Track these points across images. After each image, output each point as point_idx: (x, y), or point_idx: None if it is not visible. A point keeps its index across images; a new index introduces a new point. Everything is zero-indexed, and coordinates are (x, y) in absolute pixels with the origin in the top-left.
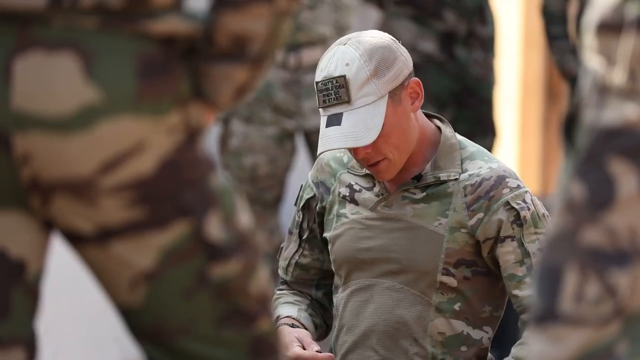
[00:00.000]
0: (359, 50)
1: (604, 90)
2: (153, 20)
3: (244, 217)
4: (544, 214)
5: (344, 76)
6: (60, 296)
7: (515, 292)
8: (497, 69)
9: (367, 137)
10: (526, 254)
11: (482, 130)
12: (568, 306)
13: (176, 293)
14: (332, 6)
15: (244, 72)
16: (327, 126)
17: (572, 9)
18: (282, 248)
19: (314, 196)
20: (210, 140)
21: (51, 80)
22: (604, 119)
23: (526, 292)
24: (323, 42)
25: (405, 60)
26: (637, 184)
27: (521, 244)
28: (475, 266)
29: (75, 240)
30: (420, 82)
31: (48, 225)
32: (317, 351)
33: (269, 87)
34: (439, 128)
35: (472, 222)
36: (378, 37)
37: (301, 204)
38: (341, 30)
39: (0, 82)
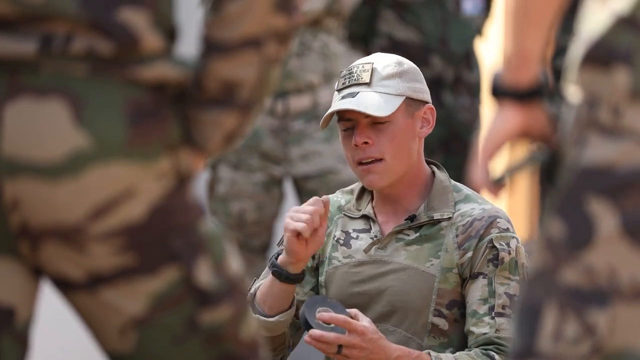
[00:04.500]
0: (393, 57)
1: (587, 127)
2: (143, 66)
3: (234, 263)
4: (523, 264)
5: (371, 63)
6: (49, 342)
7: (473, 328)
8: (484, 115)
9: (382, 111)
10: (492, 293)
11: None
12: (546, 345)
13: (167, 339)
14: (320, 54)
15: (233, 118)
16: (340, 100)
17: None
18: (255, 279)
19: None
20: (199, 186)
21: (41, 126)
22: (585, 157)
23: (482, 329)
24: (311, 90)
25: (427, 90)
26: (616, 224)
27: (490, 283)
28: (465, 308)
29: (65, 286)
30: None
31: (37, 272)
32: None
33: (256, 133)
34: (434, 173)
35: (462, 261)
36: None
37: None
38: (329, 77)
39: None
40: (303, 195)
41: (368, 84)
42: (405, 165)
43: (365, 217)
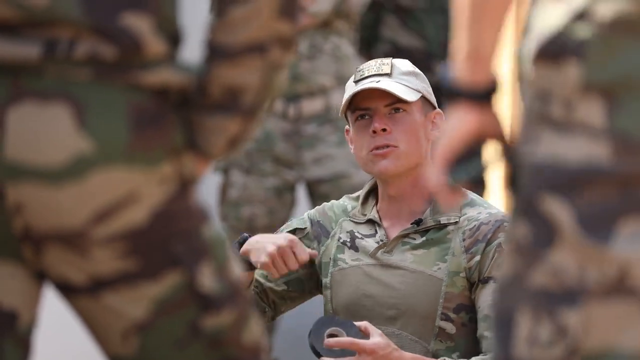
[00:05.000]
0: (408, 62)
1: (539, 123)
2: (146, 71)
3: (237, 268)
4: None
5: (390, 59)
6: (52, 346)
7: (486, 333)
8: None
9: (407, 96)
10: None
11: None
12: (523, 351)
13: (169, 344)
14: (332, 56)
15: (237, 123)
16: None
17: None
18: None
19: (303, 228)
20: (211, 191)
21: (43, 130)
22: (538, 154)
23: None
24: (323, 93)
25: (434, 99)
26: (573, 221)
27: None
28: (474, 312)
29: (67, 290)
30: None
31: (40, 276)
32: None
33: (269, 137)
34: None
35: (470, 265)
36: None
37: (288, 230)
38: (342, 80)
39: None
40: (316, 199)
41: (389, 75)
42: (416, 158)
43: (371, 222)
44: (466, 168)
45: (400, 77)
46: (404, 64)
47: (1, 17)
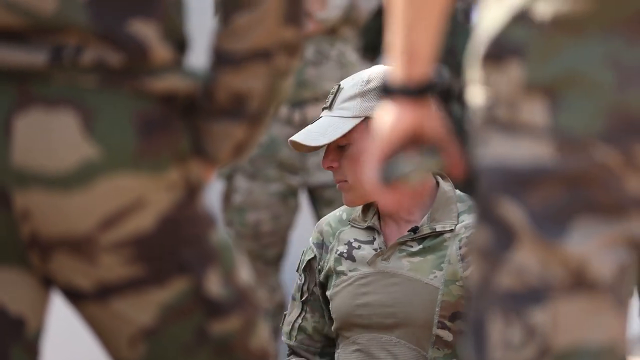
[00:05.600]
0: (369, 72)
1: (487, 126)
2: (153, 77)
3: (244, 273)
4: None
5: (339, 85)
6: (60, 353)
7: None
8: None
9: (316, 140)
10: None
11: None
12: (497, 356)
13: (176, 350)
14: (337, 63)
15: (243, 129)
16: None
17: None
18: (285, 315)
19: (314, 257)
20: (214, 196)
21: (51, 136)
22: (487, 157)
23: None
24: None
25: None
26: (525, 221)
27: None
28: None
29: (75, 297)
30: None
31: (47, 282)
32: None
33: (274, 143)
34: (438, 183)
35: (466, 273)
36: None
37: (302, 266)
38: None
39: (0, 138)
40: (320, 204)
41: (329, 108)
42: None
43: (371, 229)
44: (402, 166)
45: (338, 108)
46: (352, 85)
47: (8, 24)
